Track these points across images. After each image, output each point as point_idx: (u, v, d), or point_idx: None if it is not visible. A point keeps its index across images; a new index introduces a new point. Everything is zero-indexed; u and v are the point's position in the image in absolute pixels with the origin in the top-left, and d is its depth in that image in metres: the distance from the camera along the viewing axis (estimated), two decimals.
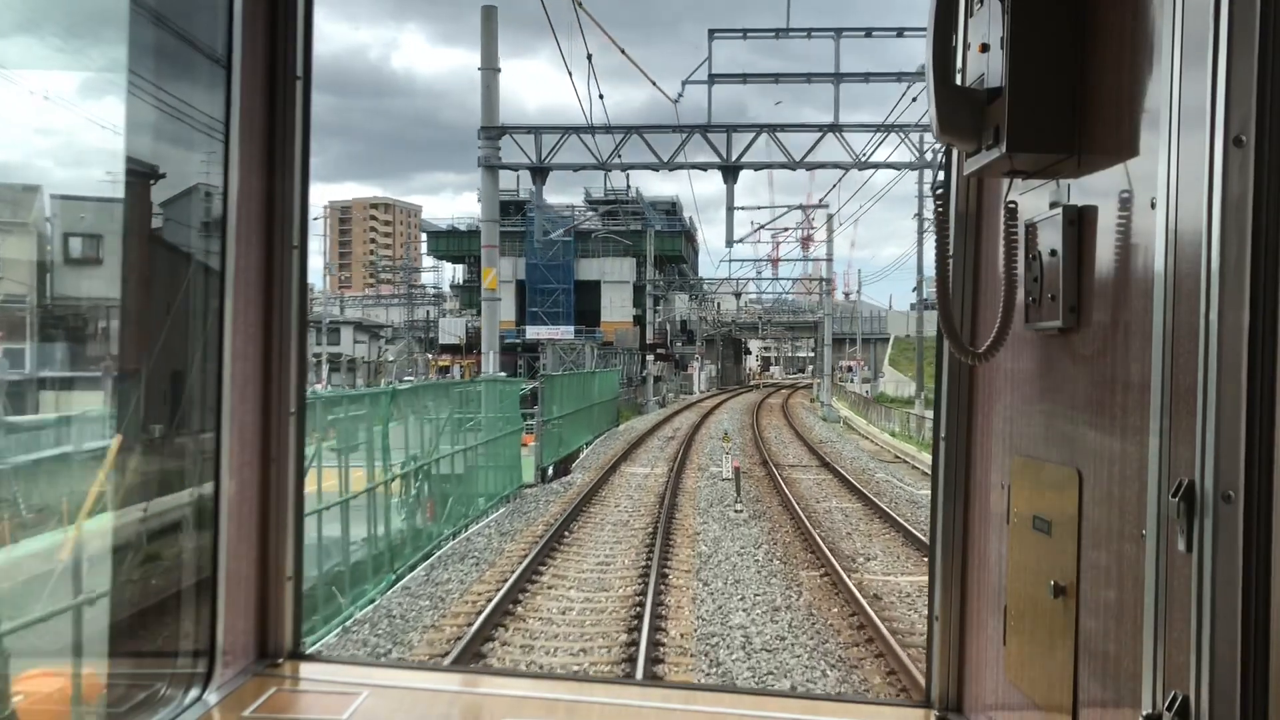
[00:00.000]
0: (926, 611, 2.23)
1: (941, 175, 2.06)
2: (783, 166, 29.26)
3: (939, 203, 1.91)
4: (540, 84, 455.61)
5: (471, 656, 10.38)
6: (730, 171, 29.19)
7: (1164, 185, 1.25)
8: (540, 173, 30.55)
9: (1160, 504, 1.23)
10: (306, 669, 2.38)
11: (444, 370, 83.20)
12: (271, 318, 2.34)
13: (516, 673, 7.61)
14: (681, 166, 29.55)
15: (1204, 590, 1.12)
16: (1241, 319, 1.09)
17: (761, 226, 30.56)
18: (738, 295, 60.85)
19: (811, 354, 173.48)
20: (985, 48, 1.63)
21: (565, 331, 76.34)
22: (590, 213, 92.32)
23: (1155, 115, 1.30)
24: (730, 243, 29.35)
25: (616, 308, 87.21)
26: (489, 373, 27.62)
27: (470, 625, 11.25)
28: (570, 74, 23.29)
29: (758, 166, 29.83)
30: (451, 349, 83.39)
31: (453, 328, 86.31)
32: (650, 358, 60.18)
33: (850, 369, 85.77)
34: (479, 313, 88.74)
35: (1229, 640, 1.09)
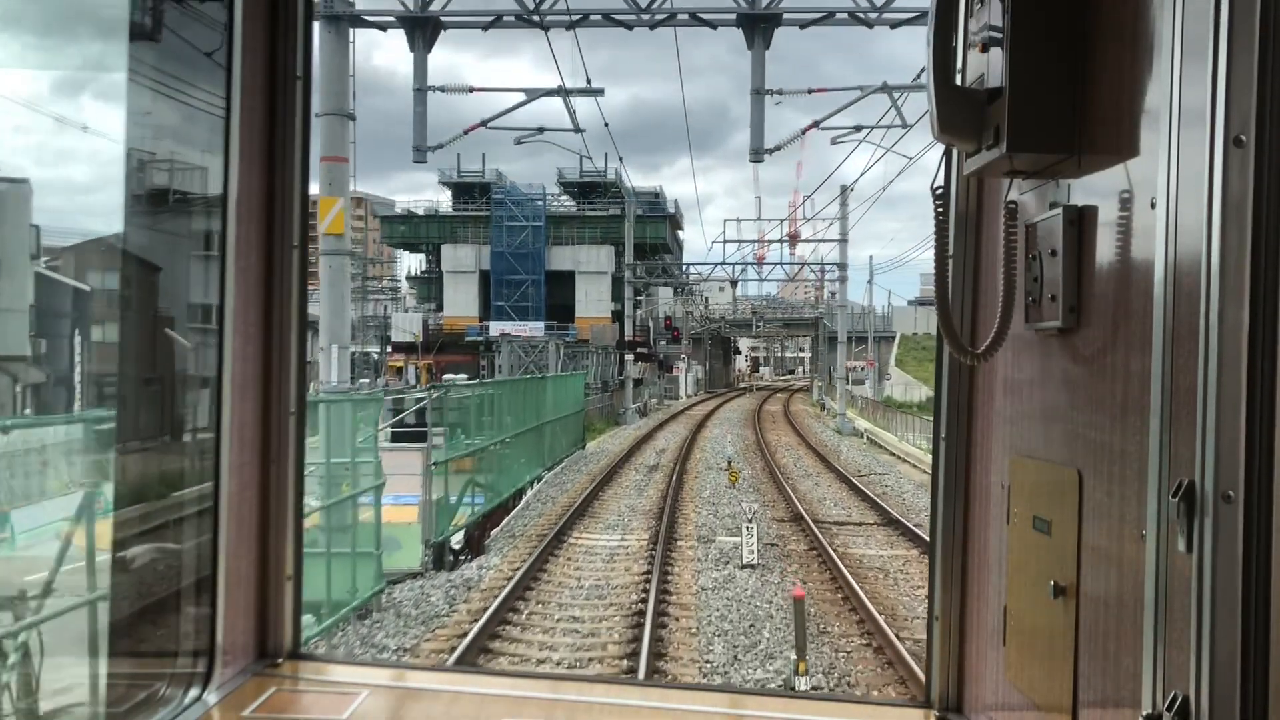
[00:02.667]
0: (926, 611, 2.18)
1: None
2: (848, 20, 17.49)
3: (938, 203, 1.84)
4: (523, 84, 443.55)
5: None
6: (756, 26, 17.70)
7: (1164, 185, 1.23)
8: (422, 29, 18.87)
9: (1160, 504, 1.22)
10: (306, 669, 2.35)
11: (397, 371, 72.73)
12: (271, 318, 2.31)
13: (516, 673, 7.18)
14: (670, 20, 17.89)
15: (1204, 590, 1.10)
16: (1241, 319, 1.07)
17: (816, 124, 19.57)
18: (733, 283, 50.39)
19: (801, 353, 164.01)
20: (986, 47, 1.60)
21: (535, 328, 65.47)
22: (564, 195, 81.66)
23: (1155, 115, 1.28)
24: (758, 153, 18.20)
25: (593, 302, 76.41)
26: (330, 381, 16.52)
27: None
28: None
29: (804, 22, 17.94)
30: (405, 347, 72.49)
31: (407, 323, 75.34)
32: (629, 358, 49.46)
33: (860, 369, 75.32)
34: (438, 306, 78.28)
35: (1229, 640, 1.08)
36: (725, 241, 49.43)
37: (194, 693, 2.14)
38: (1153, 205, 1.27)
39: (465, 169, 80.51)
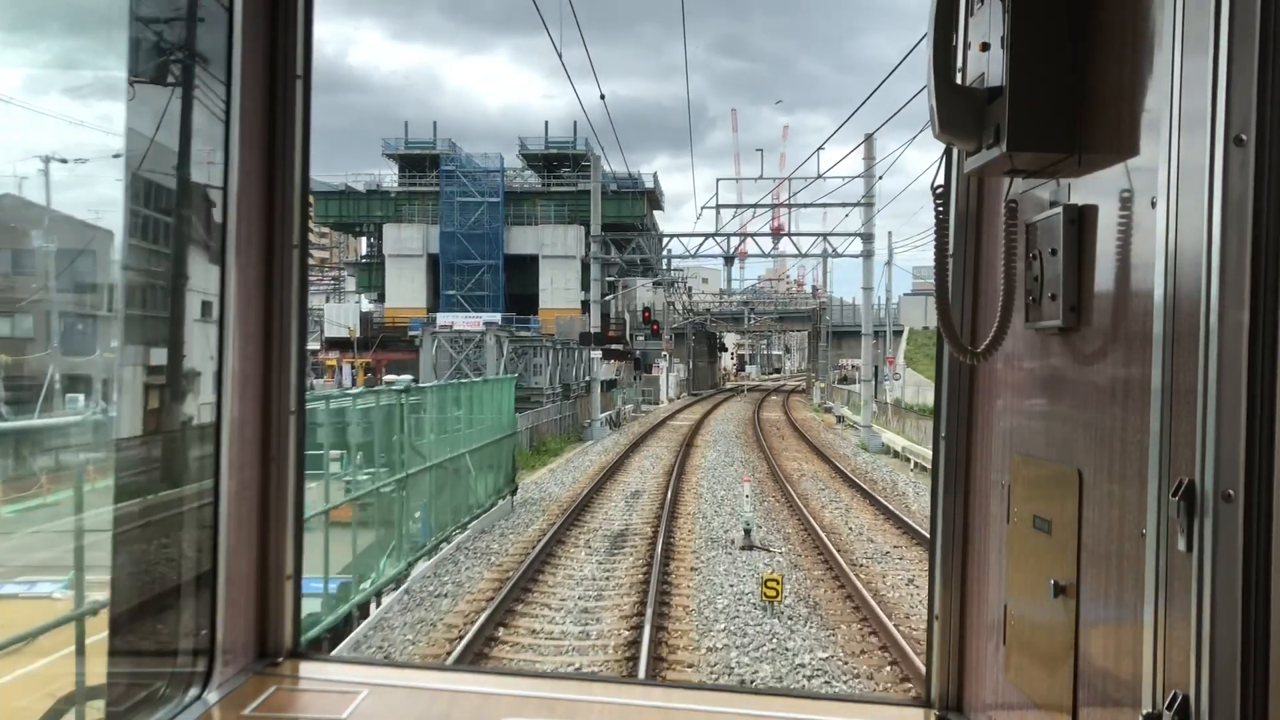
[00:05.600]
0: (926, 611, 2.14)
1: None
2: None
3: (939, 202, 1.82)
4: (499, 83, 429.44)
5: None
6: None
7: (1164, 184, 1.22)
8: None
9: (1160, 503, 1.21)
10: (306, 668, 2.30)
11: (333, 372, 60.92)
12: (271, 317, 2.27)
13: (516, 672, 7.08)
14: None
15: (1204, 590, 1.09)
16: (1241, 318, 1.06)
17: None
18: (729, 260, 39.16)
19: (787, 352, 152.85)
20: (986, 47, 1.58)
21: (492, 320, 53.69)
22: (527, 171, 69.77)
23: (1156, 114, 1.27)
24: None
25: (559, 291, 64.60)
26: None
27: None
28: None
29: None
30: (340, 343, 60.66)
31: (342, 315, 63.32)
32: (596, 354, 37.96)
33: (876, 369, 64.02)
34: (381, 296, 66.18)
35: (1229, 639, 1.07)
36: (719, 207, 37.94)
37: (194, 691, 2.08)
38: (1153, 204, 1.26)
39: (414, 139, 68.64)
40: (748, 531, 15.69)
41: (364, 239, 68.97)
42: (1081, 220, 1.50)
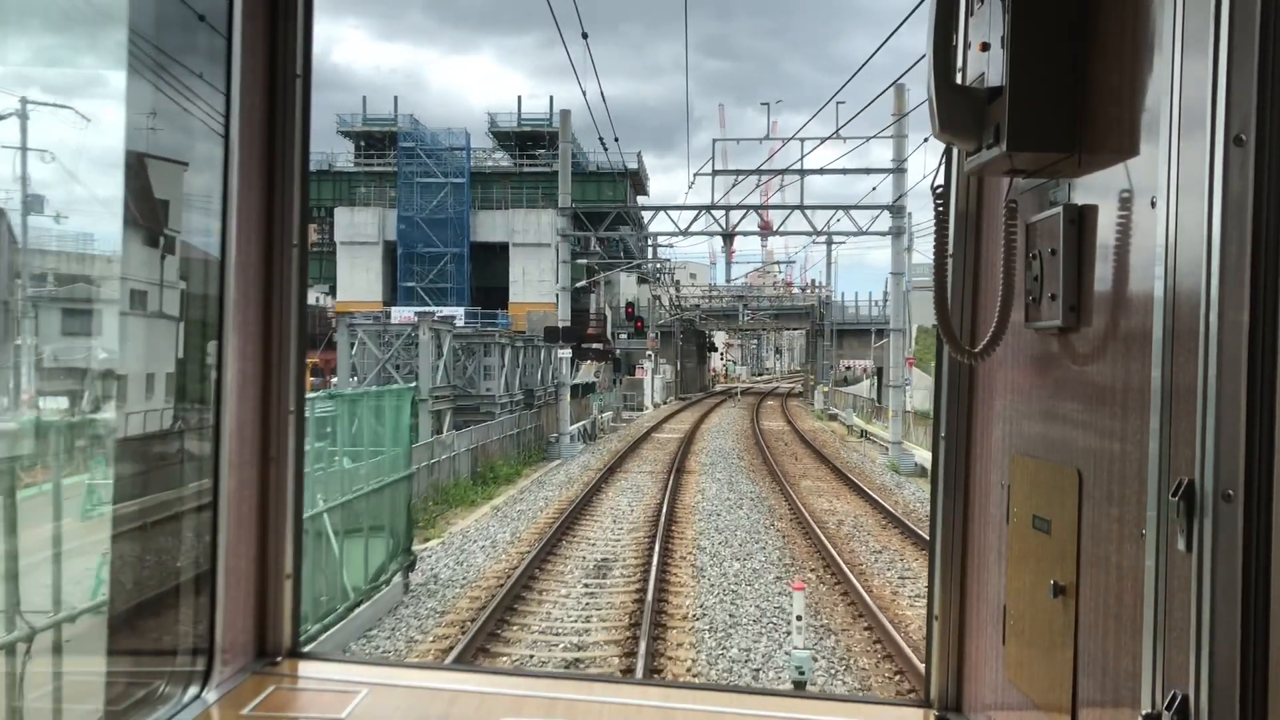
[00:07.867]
0: (926, 611, 2.05)
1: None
2: None
3: (939, 201, 1.81)
4: (485, 83, 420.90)
5: None
6: None
7: (1164, 184, 1.21)
8: None
9: (1160, 503, 1.20)
10: (305, 667, 2.30)
11: None
12: (271, 317, 2.26)
13: (516, 671, 7.03)
14: None
15: (1204, 590, 1.09)
16: (1241, 319, 1.06)
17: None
18: (728, 238, 32.04)
19: (777, 353, 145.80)
20: (986, 46, 1.57)
21: (426, 312, 46.04)
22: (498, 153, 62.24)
23: (1156, 114, 1.27)
24: None
25: (532, 283, 56.97)
26: None
27: None
28: None
29: None
30: None
31: None
32: (564, 354, 30.63)
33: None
34: (332, 289, 58.21)
35: (1229, 639, 1.07)
36: (715, 174, 30.62)
37: (193, 691, 2.07)
38: (1153, 204, 1.25)
39: (373, 115, 61.03)
40: (801, 670, 8.30)
41: (313, 225, 61.13)
42: (1081, 220, 1.49)
